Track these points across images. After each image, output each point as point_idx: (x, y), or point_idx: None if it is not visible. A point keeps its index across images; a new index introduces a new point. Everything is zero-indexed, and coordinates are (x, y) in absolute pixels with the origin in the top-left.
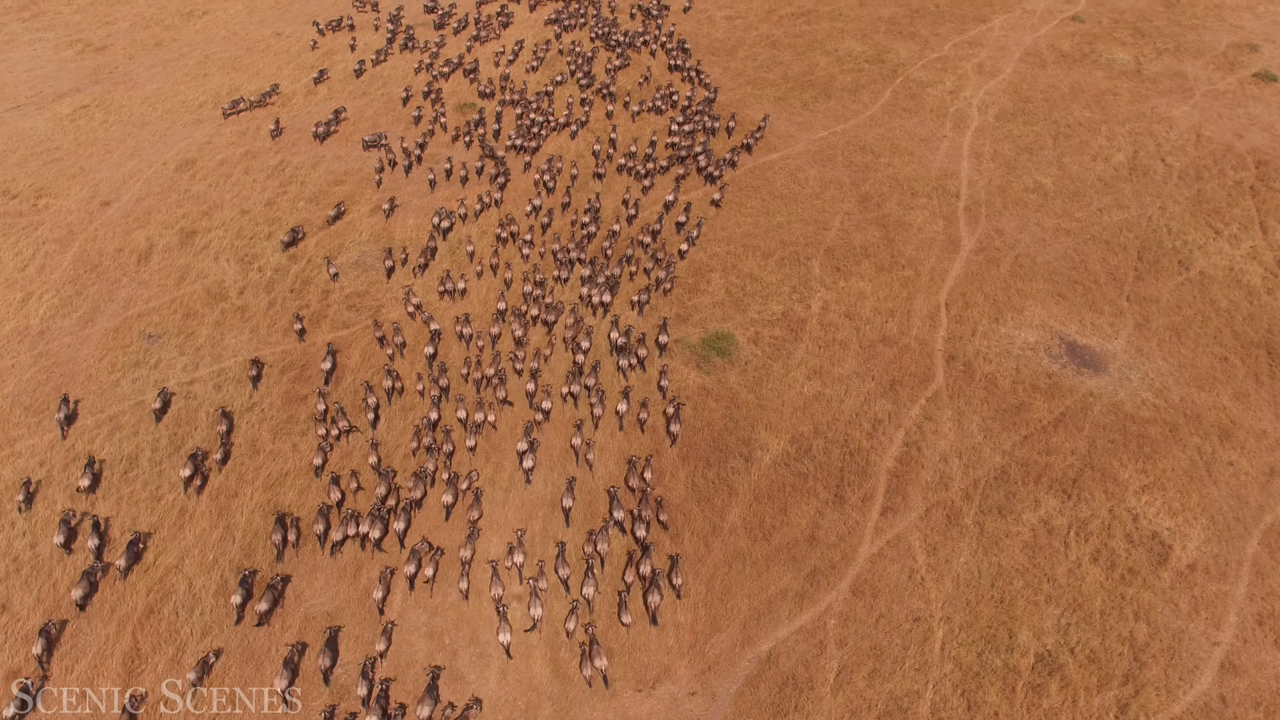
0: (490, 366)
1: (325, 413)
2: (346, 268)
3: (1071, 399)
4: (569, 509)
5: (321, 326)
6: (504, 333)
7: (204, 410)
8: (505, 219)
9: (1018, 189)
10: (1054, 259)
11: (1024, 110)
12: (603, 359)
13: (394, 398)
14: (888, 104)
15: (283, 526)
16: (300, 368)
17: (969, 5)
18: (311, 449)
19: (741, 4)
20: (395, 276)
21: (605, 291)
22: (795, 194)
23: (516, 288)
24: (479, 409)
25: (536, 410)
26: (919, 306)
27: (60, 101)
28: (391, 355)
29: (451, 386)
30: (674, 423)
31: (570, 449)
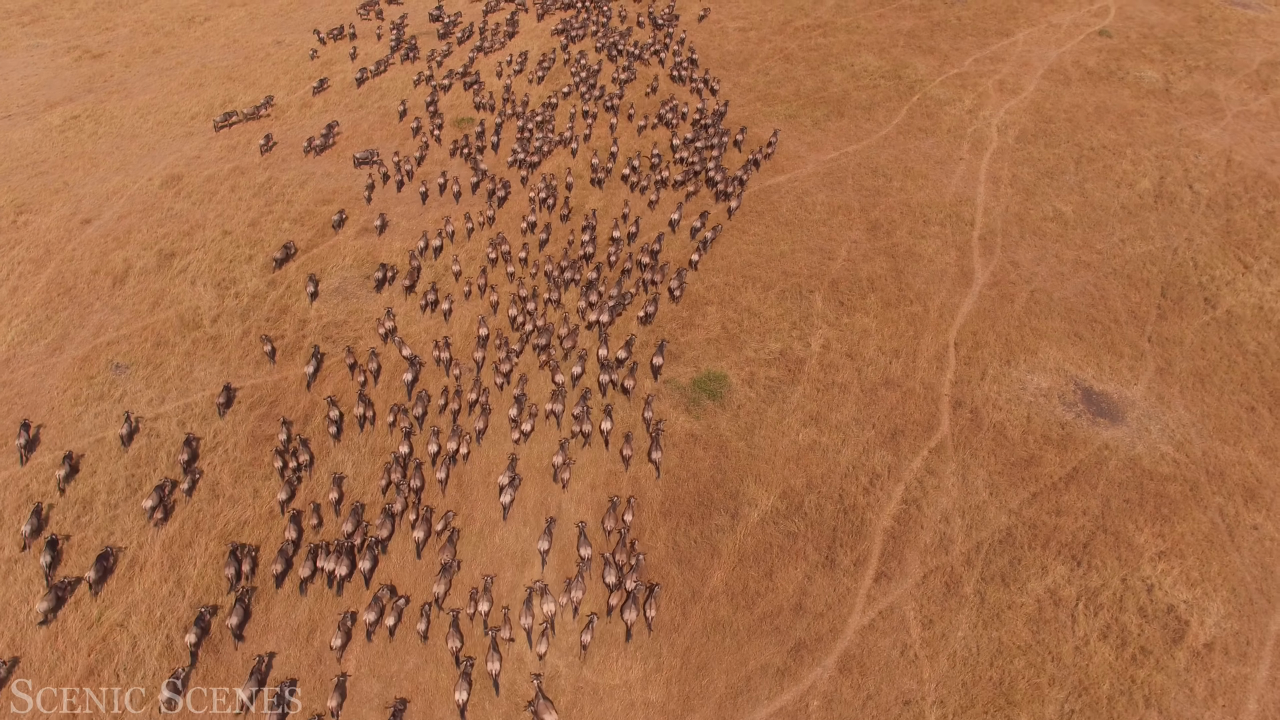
0: (471, 393)
1: (288, 443)
2: (326, 295)
3: (1085, 452)
4: (545, 552)
5: (295, 359)
6: (487, 359)
7: (166, 449)
8: (496, 238)
9: (1036, 217)
10: (1072, 294)
11: (1046, 131)
12: (591, 376)
13: (365, 427)
14: (903, 123)
15: (236, 560)
16: (269, 404)
17: (992, 18)
18: (274, 494)
19: (756, 15)
20: (380, 300)
21: (604, 311)
22: (801, 220)
23: (504, 311)
24: (454, 439)
25: (517, 431)
26: (926, 346)
27: (51, 111)
28: (364, 382)
29: (428, 416)
30: (655, 449)
31: (550, 468)
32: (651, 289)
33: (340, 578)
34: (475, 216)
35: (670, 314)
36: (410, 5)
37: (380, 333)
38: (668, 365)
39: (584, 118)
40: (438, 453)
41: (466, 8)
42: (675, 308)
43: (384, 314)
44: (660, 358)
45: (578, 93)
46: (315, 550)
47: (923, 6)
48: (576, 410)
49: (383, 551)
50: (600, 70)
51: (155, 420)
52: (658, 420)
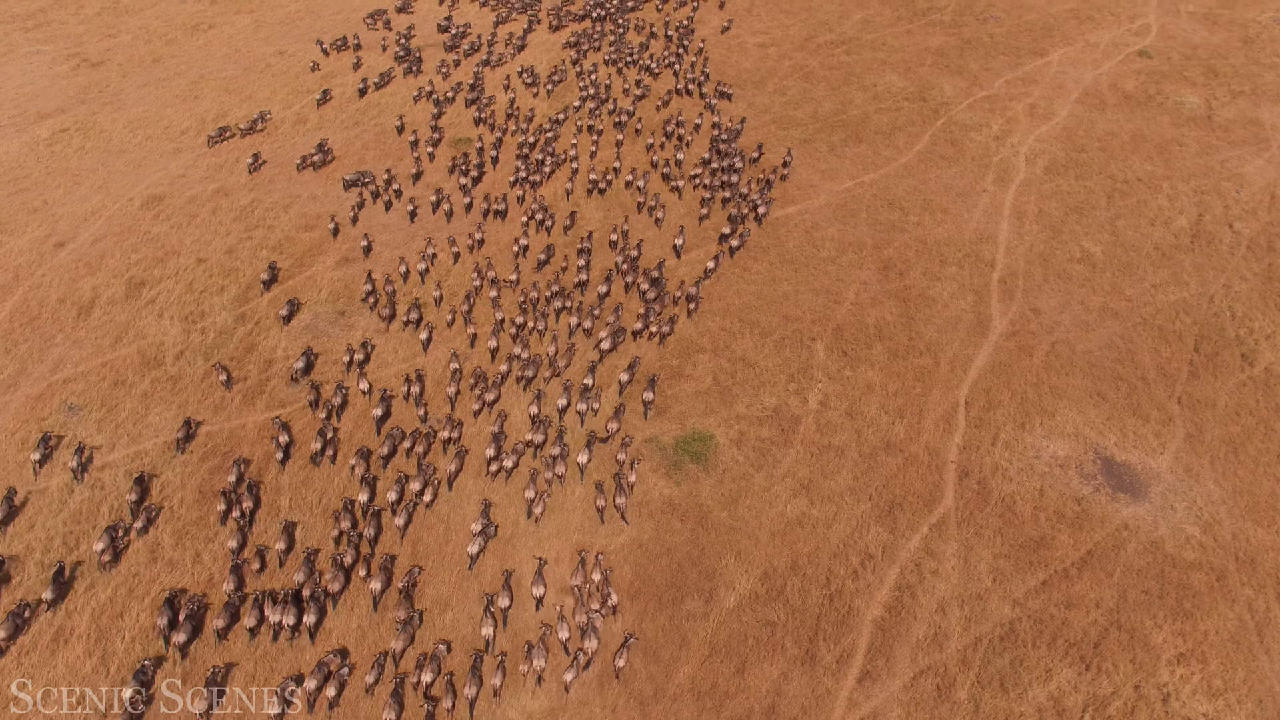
0: (445, 430)
1: (238, 482)
2: (296, 332)
3: (1102, 532)
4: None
5: (256, 404)
6: (462, 393)
7: (109, 503)
8: (482, 264)
9: (1062, 258)
10: (1097, 348)
11: (1077, 162)
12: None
13: (323, 462)
14: (925, 150)
15: (171, 608)
16: (223, 454)
17: (1026, 37)
18: (218, 558)
19: (777, 29)
20: (354, 339)
21: (605, 339)
22: (808, 258)
23: (486, 342)
24: (419, 480)
25: (498, 466)
26: (934, 405)
27: (42, 123)
28: (327, 416)
29: (395, 457)
30: (619, 494)
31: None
32: (667, 308)
33: (288, 627)
34: (462, 240)
35: (659, 362)
36: (420, 14)
37: (345, 360)
38: (651, 423)
39: (589, 132)
40: (398, 500)
41: (478, 17)
42: (665, 356)
43: (357, 344)
44: (651, 393)
45: (586, 108)
46: (261, 599)
47: (954, 23)
48: (556, 450)
49: (333, 606)
50: (610, 85)
51: (102, 470)
52: (631, 461)
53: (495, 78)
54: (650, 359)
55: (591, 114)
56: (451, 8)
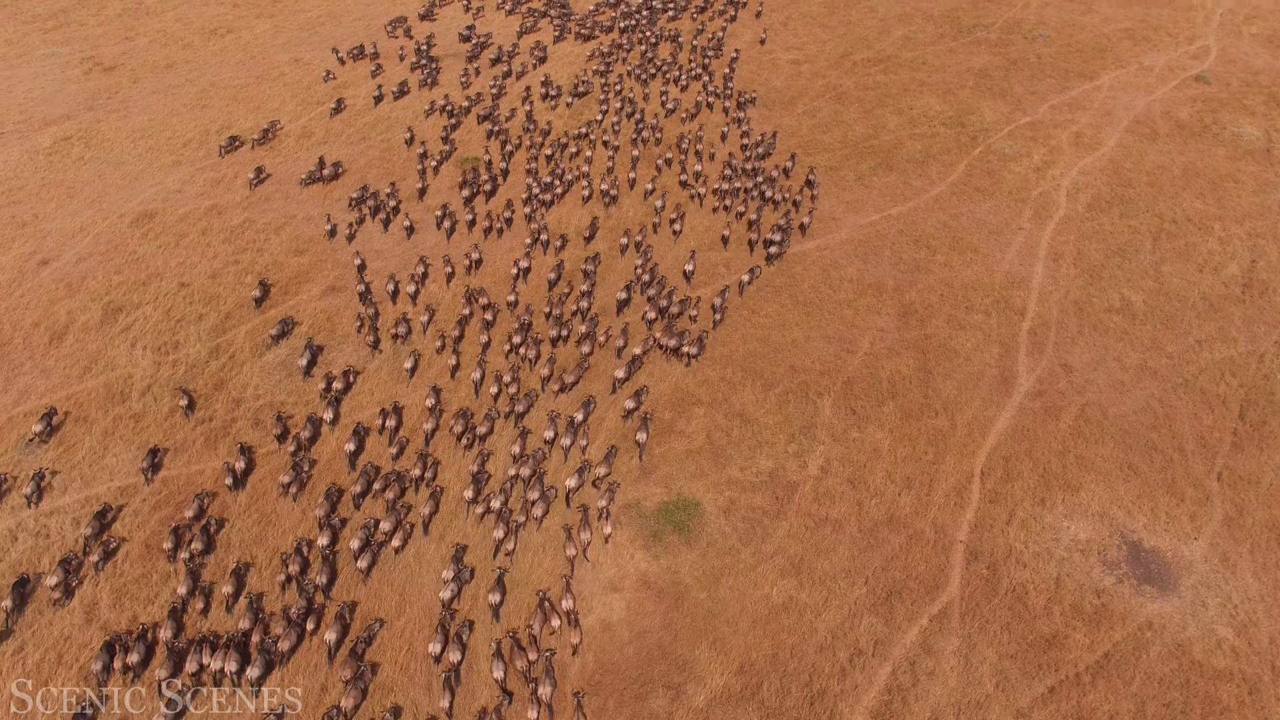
0: (416, 469)
1: (194, 521)
2: (269, 369)
3: (1123, 632)
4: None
5: (219, 448)
6: (442, 427)
7: (51, 554)
8: (473, 291)
9: (1099, 307)
10: (1131, 412)
11: (1123, 198)
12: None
13: (293, 496)
14: (959, 181)
15: (109, 652)
16: (176, 503)
17: (1076, 57)
18: (154, 620)
19: (813, 45)
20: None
21: (623, 369)
22: (823, 300)
23: (478, 376)
24: (390, 520)
25: (484, 508)
26: (946, 474)
27: (45, 130)
28: (296, 450)
29: (367, 497)
30: (583, 529)
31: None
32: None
33: (231, 673)
34: (459, 260)
35: (667, 394)
36: (443, 22)
37: (321, 388)
38: (634, 485)
39: (605, 148)
40: (362, 546)
41: (503, 25)
42: (658, 409)
43: (338, 373)
44: (644, 433)
45: (608, 122)
46: (201, 644)
47: (1000, 41)
48: (534, 495)
49: (281, 665)
50: (634, 99)
51: (49, 515)
52: (607, 510)
53: (516, 89)
54: (659, 391)
55: (614, 127)
56: (475, 16)
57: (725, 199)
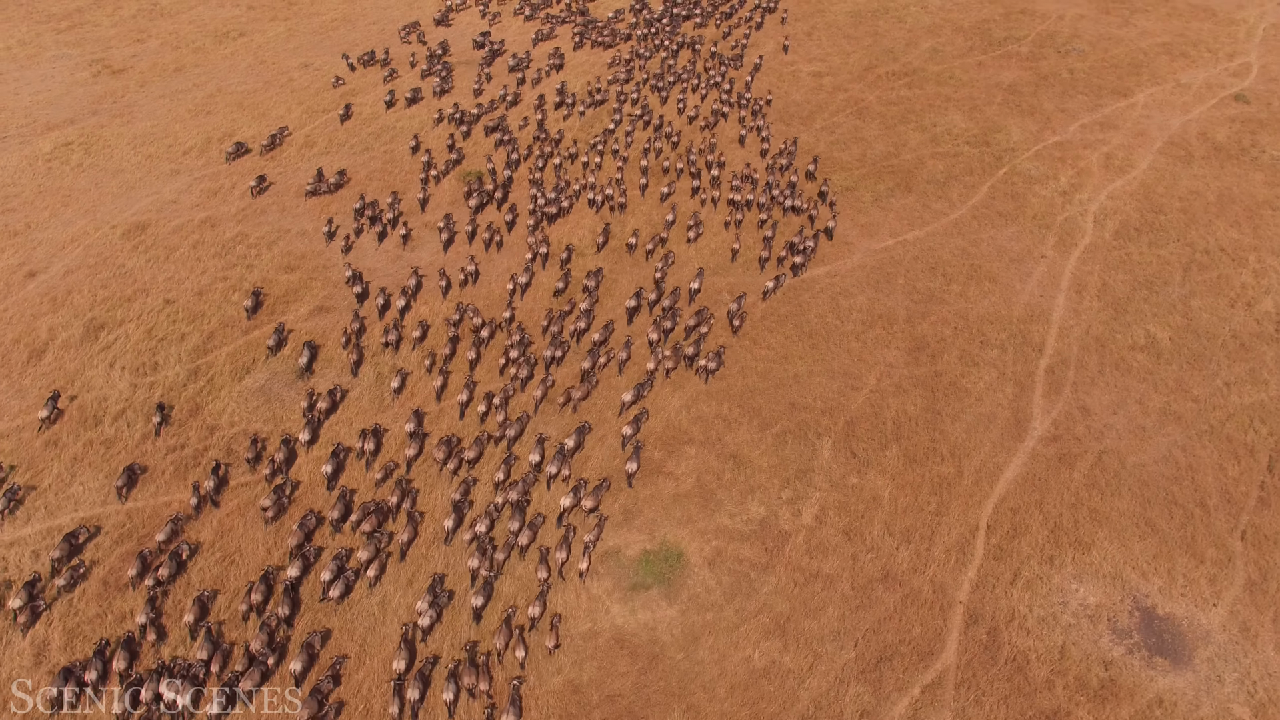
0: (393, 496)
1: (168, 540)
2: (248, 394)
3: (1130, 709)
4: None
5: (188, 479)
6: (426, 452)
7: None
8: (465, 309)
9: (1123, 344)
10: (1151, 461)
11: (1153, 225)
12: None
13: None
14: (981, 205)
15: (65, 680)
16: (139, 538)
17: (1111, 73)
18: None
19: (836, 57)
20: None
21: (630, 392)
22: (830, 331)
23: (472, 400)
24: (370, 550)
25: (472, 534)
26: (949, 527)
27: (47, 135)
28: (272, 474)
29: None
30: (561, 548)
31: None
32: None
33: (185, 709)
34: (454, 274)
35: (662, 426)
36: (459, 28)
37: (303, 406)
38: (614, 531)
39: (613, 157)
40: (334, 577)
41: (520, 31)
42: (648, 446)
43: (323, 391)
44: (635, 462)
45: (621, 131)
46: (159, 672)
47: (1032, 55)
48: (514, 525)
49: (247, 704)
50: (649, 106)
51: (9, 547)
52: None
53: (530, 98)
54: (649, 427)
55: (627, 136)
56: (492, 22)
57: (737, 211)
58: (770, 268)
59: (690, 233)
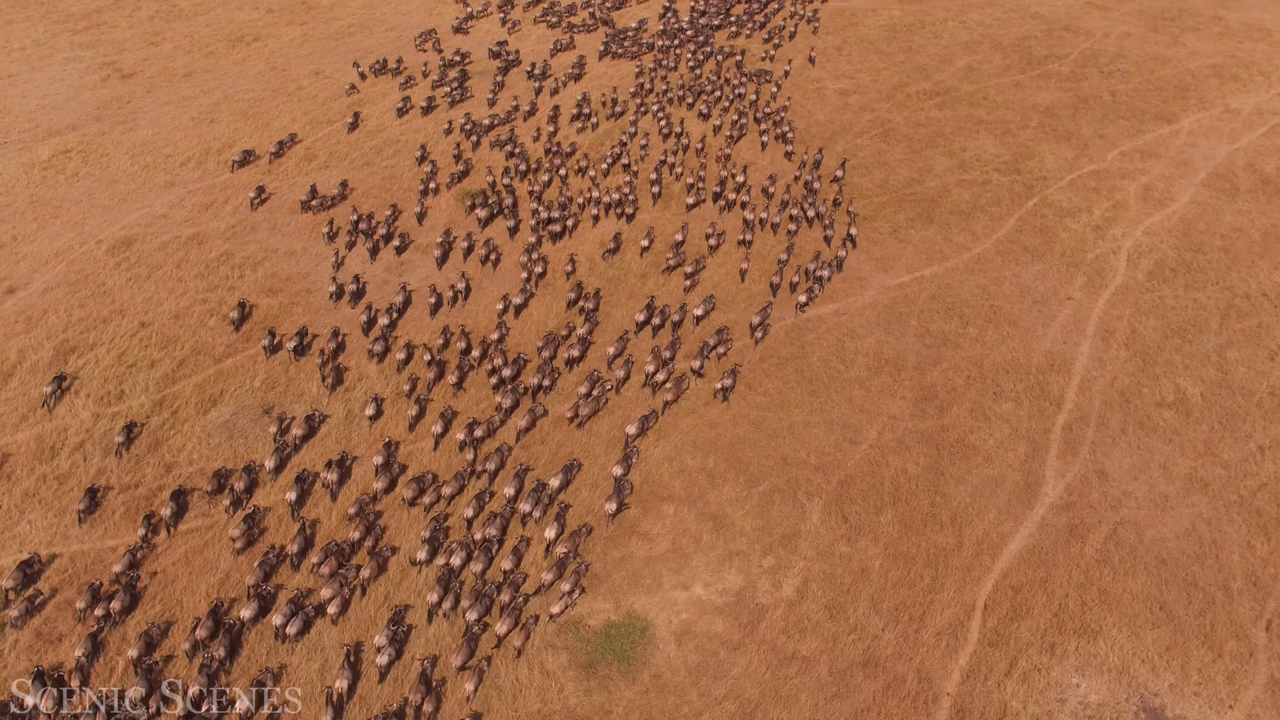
0: (355, 531)
1: (125, 569)
2: (211, 430)
3: None
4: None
5: (138, 522)
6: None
7: None
8: (449, 333)
9: (1149, 399)
10: (1172, 536)
11: (1190, 265)
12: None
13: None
14: (1007, 238)
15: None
16: (78, 587)
17: (1155, 96)
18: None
19: (865, 74)
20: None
21: (634, 426)
22: (832, 377)
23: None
24: (332, 587)
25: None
26: (942, 606)
27: (47, 142)
28: (234, 504)
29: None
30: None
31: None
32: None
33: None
34: (444, 291)
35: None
36: (475, 37)
37: (272, 431)
38: (579, 597)
39: (624, 171)
40: (288, 618)
41: (538, 41)
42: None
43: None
44: (614, 503)
45: (635, 144)
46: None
47: (1073, 75)
48: (477, 568)
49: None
50: (668, 118)
51: None
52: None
53: (546, 109)
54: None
55: (642, 149)
56: (511, 31)
57: (748, 231)
58: (781, 294)
59: (711, 239)
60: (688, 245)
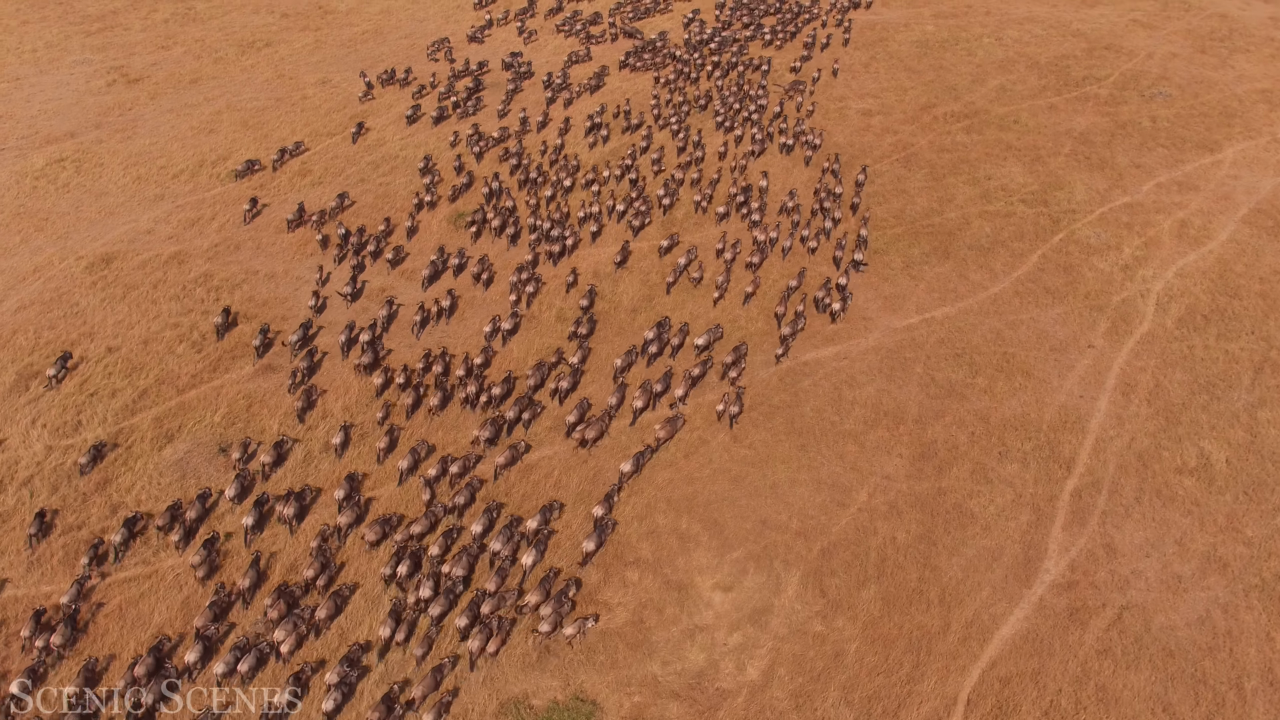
0: (310, 570)
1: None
2: (164, 469)
3: None
4: None
5: (76, 568)
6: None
7: None
8: (431, 355)
9: (1169, 464)
10: (1183, 624)
11: (1225, 312)
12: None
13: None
14: (1027, 277)
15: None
16: (6, 638)
17: (1199, 123)
18: None
19: (891, 94)
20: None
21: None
22: (825, 430)
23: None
24: (286, 628)
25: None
26: (920, 700)
27: (44, 149)
28: (184, 538)
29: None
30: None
31: None
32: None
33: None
34: (431, 304)
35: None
36: (490, 46)
37: (235, 458)
38: (524, 673)
39: (631, 185)
40: (229, 670)
41: (554, 51)
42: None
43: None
44: (595, 542)
45: (648, 158)
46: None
47: (1111, 98)
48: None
49: None
50: (684, 132)
51: None
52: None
53: (557, 121)
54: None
55: (655, 163)
56: (527, 41)
57: (758, 252)
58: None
59: (727, 252)
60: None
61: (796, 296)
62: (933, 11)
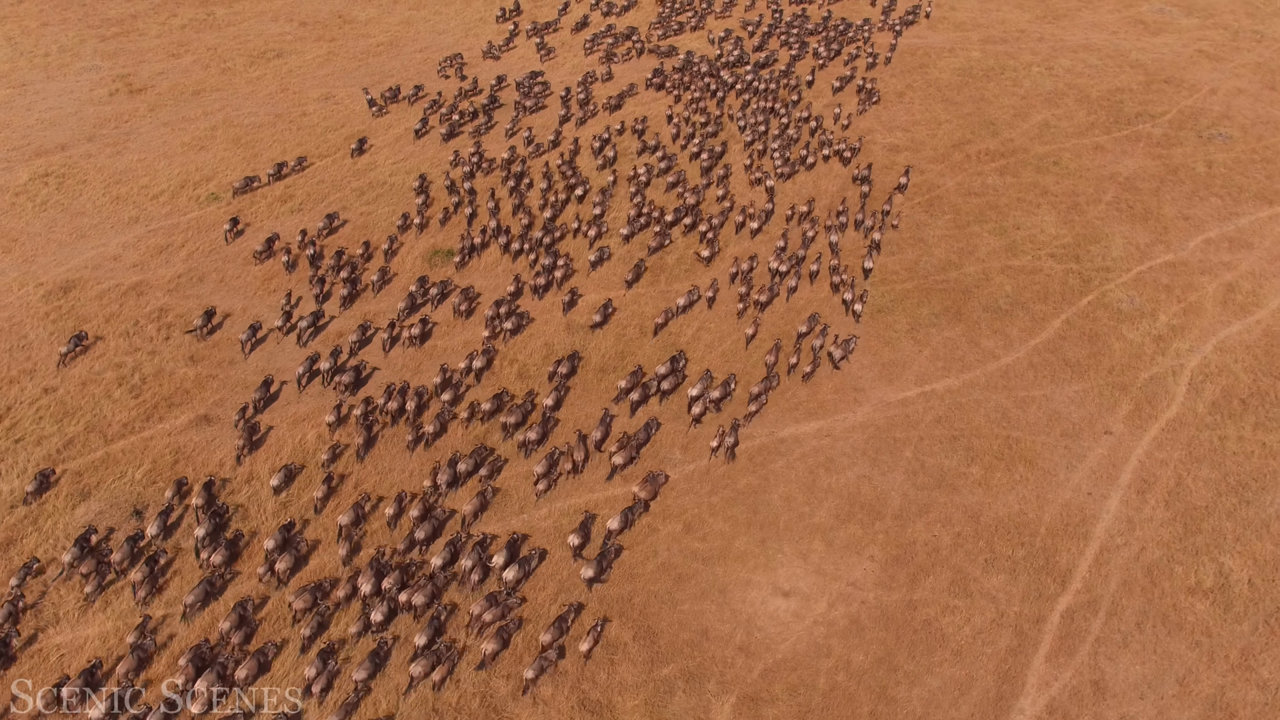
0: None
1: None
2: (73, 530)
3: None
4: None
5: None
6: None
7: None
8: (395, 387)
9: (1182, 582)
10: None
11: (1266, 395)
12: None
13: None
14: (1045, 346)
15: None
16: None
17: (1259, 170)
18: None
19: (923, 127)
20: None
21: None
22: (792, 522)
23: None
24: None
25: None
26: None
27: (32, 163)
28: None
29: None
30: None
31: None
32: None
33: None
34: (403, 333)
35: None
36: (506, 63)
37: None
38: None
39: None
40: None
41: (573, 70)
42: (491, 674)
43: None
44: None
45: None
46: None
47: (1165, 139)
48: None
49: None
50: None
51: None
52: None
53: (566, 143)
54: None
55: (671, 187)
56: (545, 59)
57: (762, 292)
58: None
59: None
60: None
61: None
62: (981, 36)
